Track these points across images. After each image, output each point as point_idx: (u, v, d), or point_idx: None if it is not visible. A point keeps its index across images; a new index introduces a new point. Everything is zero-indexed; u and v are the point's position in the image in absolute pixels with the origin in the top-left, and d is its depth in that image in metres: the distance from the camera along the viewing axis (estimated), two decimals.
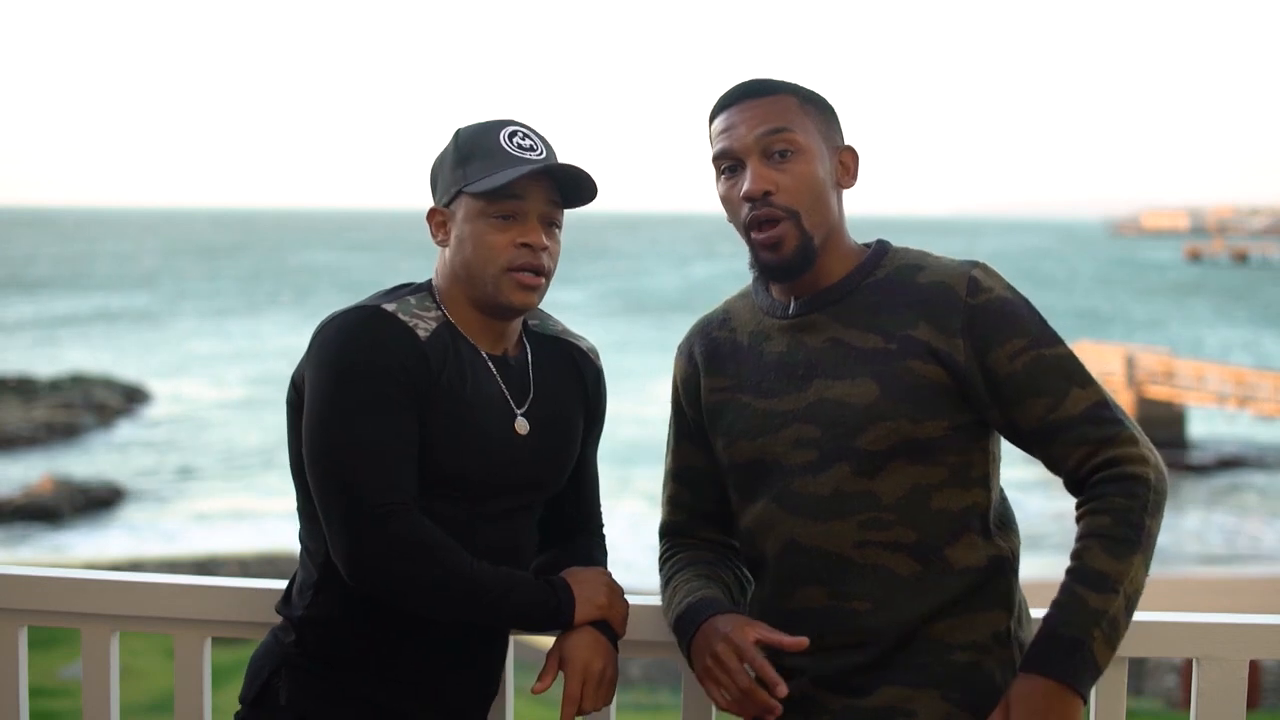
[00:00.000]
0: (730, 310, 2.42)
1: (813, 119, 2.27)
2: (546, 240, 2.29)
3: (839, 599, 2.23)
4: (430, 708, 2.35)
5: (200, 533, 24.70)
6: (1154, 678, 15.04)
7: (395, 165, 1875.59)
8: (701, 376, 2.40)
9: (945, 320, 2.20)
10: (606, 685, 2.34)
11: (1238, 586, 21.39)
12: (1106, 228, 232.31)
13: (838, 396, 2.22)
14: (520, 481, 2.35)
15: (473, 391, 2.29)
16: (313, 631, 2.33)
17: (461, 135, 2.33)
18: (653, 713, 13.16)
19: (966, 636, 2.22)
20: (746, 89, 2.28)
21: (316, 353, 2.26)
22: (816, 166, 2.25)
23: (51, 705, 11.63)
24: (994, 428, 2.24)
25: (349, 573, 2.21)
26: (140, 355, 50.09)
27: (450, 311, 2.33)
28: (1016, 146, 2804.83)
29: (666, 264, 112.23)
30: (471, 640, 2.36)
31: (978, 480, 2.25)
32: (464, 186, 2.29)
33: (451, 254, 2.33)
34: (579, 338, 2.51)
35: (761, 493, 2.30)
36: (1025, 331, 2.20)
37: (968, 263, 2.26)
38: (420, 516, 2.21)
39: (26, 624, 2.81)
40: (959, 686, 2.20)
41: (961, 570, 2.22)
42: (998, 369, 2.18)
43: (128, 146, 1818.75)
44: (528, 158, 2.28)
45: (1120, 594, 2.12)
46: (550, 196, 2.30)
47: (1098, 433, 2.17)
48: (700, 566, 2.41)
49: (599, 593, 2.35)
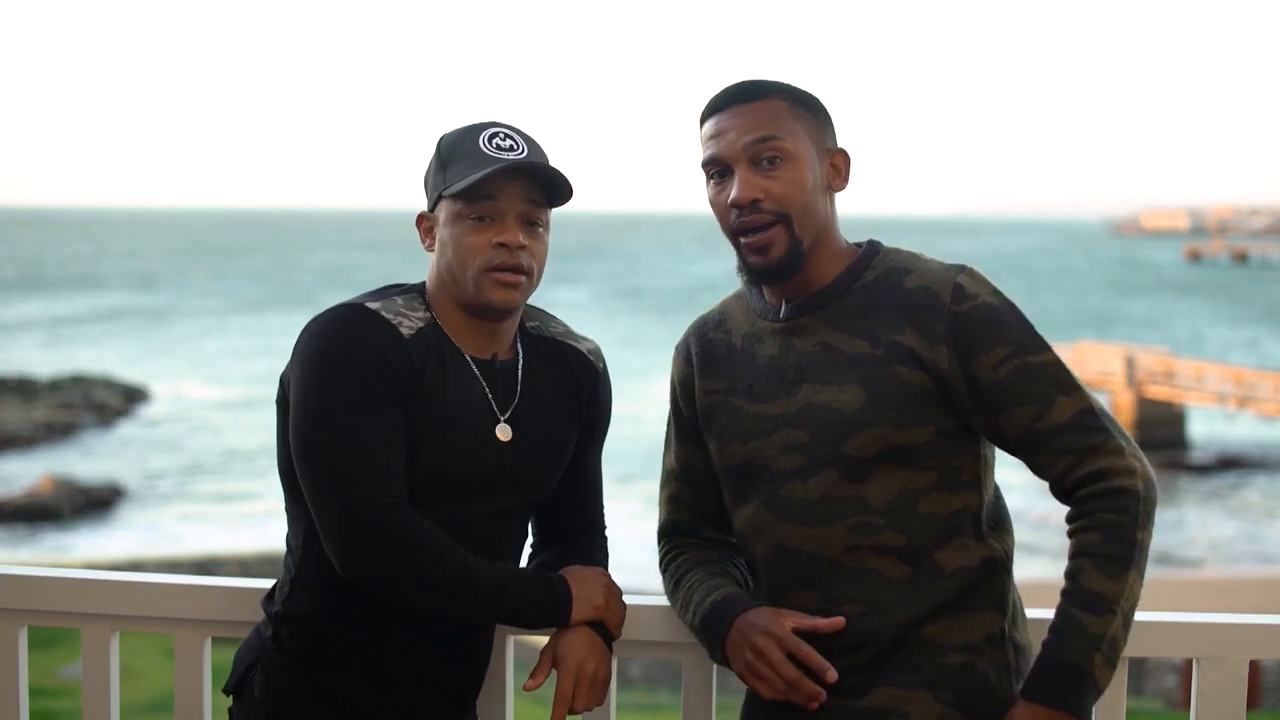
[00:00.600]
0: (726, 311, 2.41)
1: (803, 123, 2.25)
2: (526, 239, 2.28)
3: (830, 603, 2.23)
4: (402, 709, 2.35)
5: (200, 533, 24.70)
6: (1154, 678, 15.05)
7: (399, 165, 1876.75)
8: (696, 378, 2.40)
9: (929, 327, 2.19)
10: (599, 686, 2.34)
11: (1238, 586, 21.39)
12: (1106, 228, 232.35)
13: (826, 402, 2.22)
14: (500, 486, 2.34)
15: (454, 394, 2.29)
16: (288, 628, 2.35)
17: (444, 141, 2.35)
18: (653, 713, 13.16)
19: (960, 638, 2.22)
20: (736, 93, 2.26)
21: (300, 350, 2.27)
22: (805, 172, 2.23)
23: (51, 705, 11.64)
24: (980, 434, 2.23)
25: (344, 567, 2.21)
26: (140, 355, 50.10)
27: (438, 314, 2.34)
28: (1016, 146, 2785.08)
29: (667, 263, 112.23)
30: (448, 644, 2.36)
31: (968, 484, 2.24)
32: (443, 190, 2.30)
33: (437, 257, 2.34)
34: (581, 340, 2.49)
35: (752, 496, 2.30)
36: (1010, 339, 2.18)
37: (954, 267, 2.24)
38: (413, 512, 2.22)
39: (26, 624, 2.81)
40: (953, 687, 2.20)
41: (953, 572, 2.22)
42: (982, 376, 2.17)
43: (131, 146, 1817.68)
44: (505, 158, 2.27)
45: (1118, 613, 2.12)
46: (528, 195, 2.29)
47: (1083, 442, 2.16)
48: (710, 565, 2.40)
49: (597, 593, 2.35)
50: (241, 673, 2.39)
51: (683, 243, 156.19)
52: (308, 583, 2.33)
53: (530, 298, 2.38)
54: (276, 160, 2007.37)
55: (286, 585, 2.37)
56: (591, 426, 2.48)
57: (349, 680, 2.32)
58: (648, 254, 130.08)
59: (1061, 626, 2.14)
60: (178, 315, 65.82)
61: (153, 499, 27.60)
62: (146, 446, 33.33)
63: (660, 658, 2.66)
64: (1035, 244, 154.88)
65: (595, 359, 2.48)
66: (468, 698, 2.44)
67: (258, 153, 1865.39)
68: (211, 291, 79.28)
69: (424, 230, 2.37)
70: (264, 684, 2.35)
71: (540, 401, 2.38)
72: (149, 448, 33.14)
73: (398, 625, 2.31)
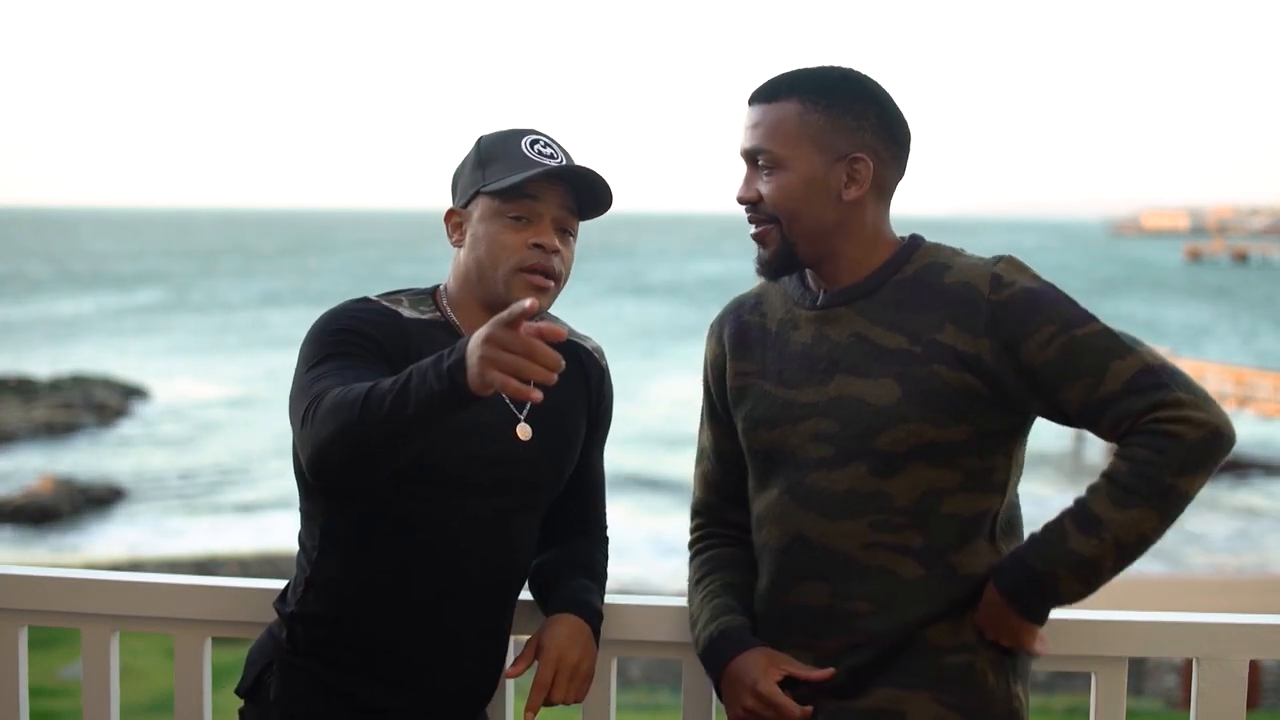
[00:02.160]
0: (764, 294, 2.42)
1: (813, 129, 2.24)
2: (559, 245, 2.31)
3: (841, 598, 2.23)
4: (418, 708, 2.35)
5: (200, 532, 24.69)
6: (1154, 678, 15.04)
7: (404, 166, 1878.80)
8: (728, 359, 2.41)
9: (969, 320, 2.18)
10: (580, 679, 2.34)
11: (1238, 586, 21.39)
12: (1106, 228, 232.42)
13: (859, 394, 2.22)
14: (517, 484, 2.35)
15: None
16: (303, 628, 2.34)
17: (484, 141, 2.37)
18: (652, 713, 13.16)
19: (958, 638, 2.22)
20: (758, 91, 2.30)
21: (304, 339, 2.29)
22: (798, 180, 2.24)
23: (51, 705, 11.64)
24: (1044, 417, 2.23)
25: (309, 472, 2.14)
26: (141, 355, 50.08)
27: (458, 314, 2.36)
28: (1016, 146, 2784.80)
29: (668, 262, 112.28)
30: (465, 642, 2.36)
31: (996, 486, 2.25)
32: (482, 187, 2.32)
33: (465, 254, 2.35)
34: (584, 338, 2.51)
35: (775, 482, 2.31)
36: (1053, 317, 2.16)
37: (993, 259, 2.24)
38: (338, 390, 2.10)
39: (26, 624, 2.81)
40: (952, 689, 2.20)
41: (965, 576, 2.22)
42: (1032, 360, 2.16)
43: (130, 147, 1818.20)
44: (548, 164, 2.31)
45: (1108, 540, 2.11)
46: (565, 202, 2.32)
47: (1141, 402, 2.12)
48: (728, 573, 2.41)
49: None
50: (256, 674, 2.39)
51: (686, 243, 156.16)
52: (323, 582, 2.33)
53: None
54: (276, 160, 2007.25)
55: (301, 585, 2.36)
56: (595, 424, 2.50)
57: (365, 680, 2.32)
58: (648, 253, 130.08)
59: (1047, 532, 2.16)
60: (178, 315, 65.80)
61: (153, 499, 27.59)
62: (146, 446, 33.33)
63: (660, 658, 2.66)
64: (1035, 244, 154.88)
65: (600, 356, 2.51)
66: (482, 698, 2.44)
67: (262, 153, 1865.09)
68: (213, 291, 79.27)
69: (453, 225, 2.38)
70: (280, 685, 2.35)
71: (556, 399, 2.39)
72: (149, 448, 33.14)
73: (413, 625, 2.31)
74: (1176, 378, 2.12)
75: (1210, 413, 2.10)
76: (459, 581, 2.32)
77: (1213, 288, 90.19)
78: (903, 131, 2.29)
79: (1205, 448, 2.10)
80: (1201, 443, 2.09)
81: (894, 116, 2.28)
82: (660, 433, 32.46)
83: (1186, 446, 2.09)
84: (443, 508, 2.28)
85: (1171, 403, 2.10)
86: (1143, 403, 2.11)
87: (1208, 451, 2.10)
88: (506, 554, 2.35)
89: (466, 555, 2.31)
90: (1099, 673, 2.56)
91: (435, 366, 1.95)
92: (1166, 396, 2.11)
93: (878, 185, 2.27)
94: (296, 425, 2.16)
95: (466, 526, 2.30)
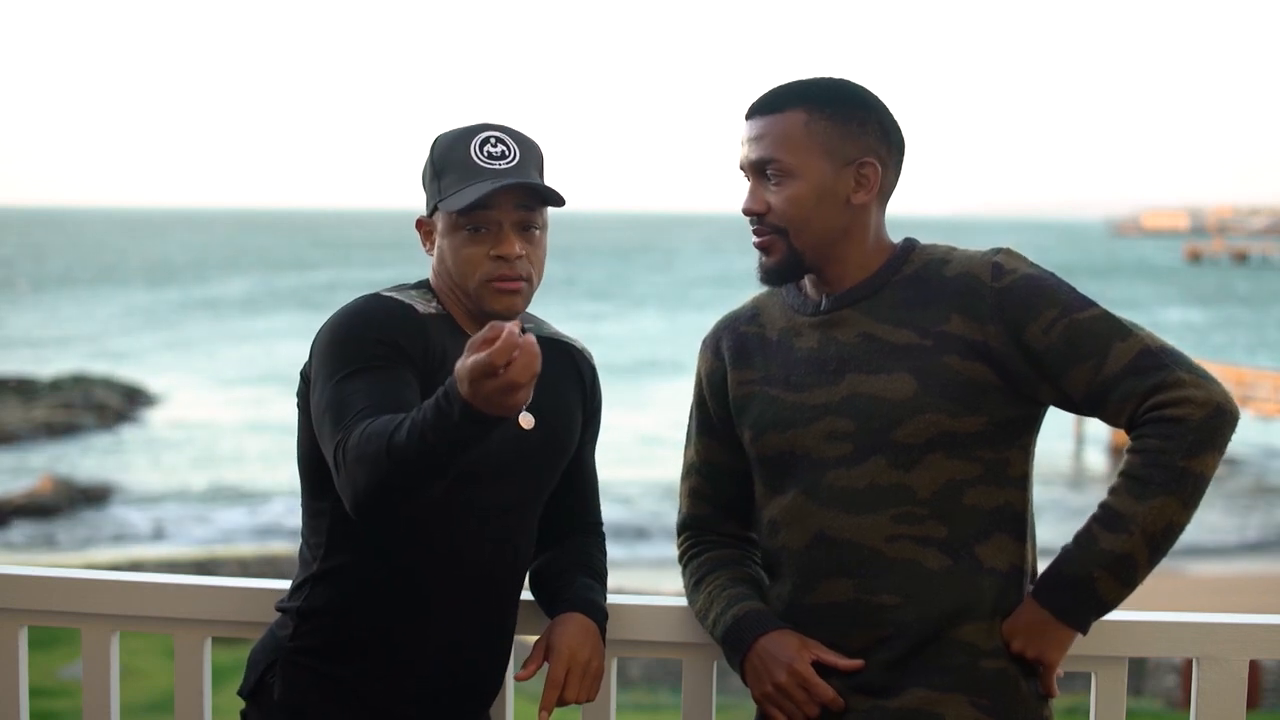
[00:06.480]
0: (759, 307, 2.44)
1: (820, 136, 2.26)
2: (523, 247, 2.30)
3: (867, 593, 2.24)
4: (424, 705, 2.35)
5: (200, 532, 24.70)
6: (1154, 678, 15.04)
7: (405, 166, 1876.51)
8: (729, 370, 2.42)
9: (975, 309, 2.22)
10: (591, 678, 2.35)
11: (1238, 586, 21.39)
12: (1106, 228, 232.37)
13: (873, 391, 2.24)
14: (519, 472, 2.36)
15: None
16: (308, 625, 2.35)
17: (436, 147, 2.36)
18: (652, 713, 13.16)
19: (993, 642, 2.23)
20: (759, 103, 2.31)
21: (318, 339, 2.29)
22: (808, 189, 2.26)
23: (51, 705, 11.64)
24: (1051, 404, 2.26)
25: (354, 515, 2.13)
26: (142, 355, 50.10)
27: (448, 307, 2.36)
28: (1017, 146, 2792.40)
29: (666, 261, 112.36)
30: (470, 639, 2.37)
31: (1014, 480, 2.27)
32: (439, 201, 2.32)
33: (437, 264, 2.36)
34: (573, 339, 2.53)
35: (790, 485, 2.31)
36: (1055, 302, 2.21)
37: (991, 250, 2.28)
38: (363, 424, 2.10)
39: (26, 624, 2.81)
40: (988, 693, 2.21)
41: (990, 569, 2.24)
42: (1035, 344, 2.20)
43: (131, 146, 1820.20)
44: (497, 168, 2.28)
45: (1136, 534, 2.14)
46: (521, 202, 2.30)
47: (1144, 383, 2.16)
48: (731, 569, 2.43)
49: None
50: (259, 675, 2.38)
51: (687, 243, 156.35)
52: (329, 578, 2.33)
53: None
54: (277, 161, 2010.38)
55: (306, 582, 2.36)
56: (588, 420, 2.52)
57: (371, 675, 2.32)
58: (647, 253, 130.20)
59: (1077, 539, 2.20)
60: (179, 314, 65.82)
61: (153, 499, 27.59)
62: (146, 446, 33.33)
63: (660, 657, 2.66)
64: (1035, 244, 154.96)
65: (589, 355, 2.54)
66: (489, 693, 2.44)
67: (257, 153, 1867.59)
68: (213, 291, 79.29)
69: (424, 234, 2.40)
70: (284, 684, 2.34)
71: (553, 389, 2.40)
72: (149, 448, 33.14)
73: (419, 619, 2.31)
74: (1177, 358, 2.18)
75: (1211, 391, 2.15)
76: (464, 576, 2.33)
77: (1213, 288, 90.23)
78: (899, 136, 2.34)
79: (1210, 426, 2.14)
80: (1206, 421, 2.14)
81: (892, 122, 2.32)
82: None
83: (1193, 428, 2.13)
84: (449, 498, 2.27)
85: (1173, 382, 2.15)
86: (1145, 383, 2.16)
87: (1214, 429, 2.14)
88: (509, 548, 2.36)
89: (472, 548, 2.32)
90: (1099, 673, 2.57)
91: (446, 409, 1.93)
92: (1168, 376, 2.16)
93: (881, 189, 2.31)
94: (328, 452, 2.16)
95: (471, 518, 2.31)
